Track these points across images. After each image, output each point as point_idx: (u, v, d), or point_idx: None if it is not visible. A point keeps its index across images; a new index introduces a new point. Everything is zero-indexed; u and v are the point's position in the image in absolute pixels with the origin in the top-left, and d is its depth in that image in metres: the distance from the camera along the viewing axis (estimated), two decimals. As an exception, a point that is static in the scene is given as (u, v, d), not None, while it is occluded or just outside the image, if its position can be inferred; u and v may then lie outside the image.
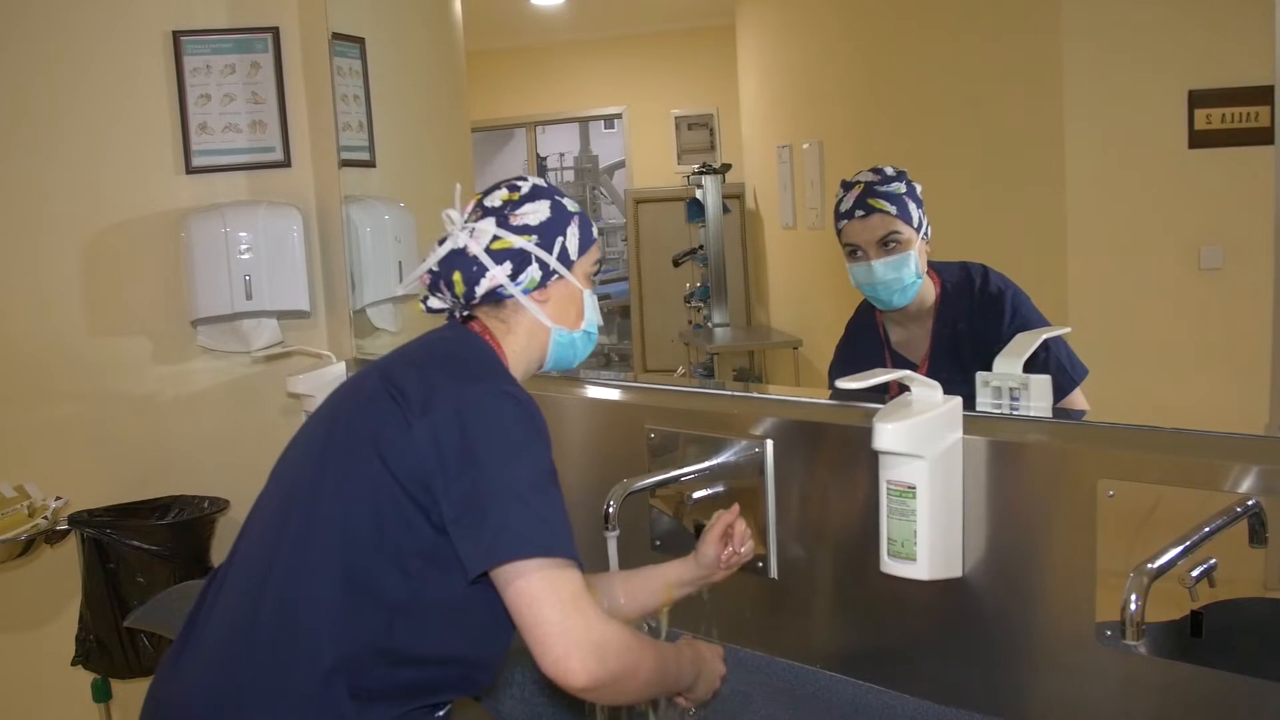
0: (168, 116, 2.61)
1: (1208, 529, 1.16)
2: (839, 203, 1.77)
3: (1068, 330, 1.64)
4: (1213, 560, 1.18)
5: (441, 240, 1.38)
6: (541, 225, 1.37)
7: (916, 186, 1.74)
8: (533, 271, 1.36)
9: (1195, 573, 1.17)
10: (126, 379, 2.64)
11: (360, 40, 2.60)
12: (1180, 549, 1.14)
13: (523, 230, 1.36)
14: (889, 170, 1.75)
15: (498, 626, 1.26)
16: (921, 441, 1.33)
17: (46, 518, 2.41)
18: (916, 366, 1.78)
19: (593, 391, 1.96)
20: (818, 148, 2.93)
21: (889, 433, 1.33)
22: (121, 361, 2.64)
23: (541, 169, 7.39)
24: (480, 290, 1.36)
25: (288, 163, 2.66)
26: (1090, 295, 2.00)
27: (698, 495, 1.70)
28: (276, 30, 2.62)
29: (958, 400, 1.39)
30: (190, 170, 2.62)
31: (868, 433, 1.35)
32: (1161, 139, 1.95)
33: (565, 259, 1.39)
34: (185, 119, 2.61)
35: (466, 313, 1.42)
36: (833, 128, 2.93)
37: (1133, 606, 1.09)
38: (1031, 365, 1.51)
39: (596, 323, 1.45)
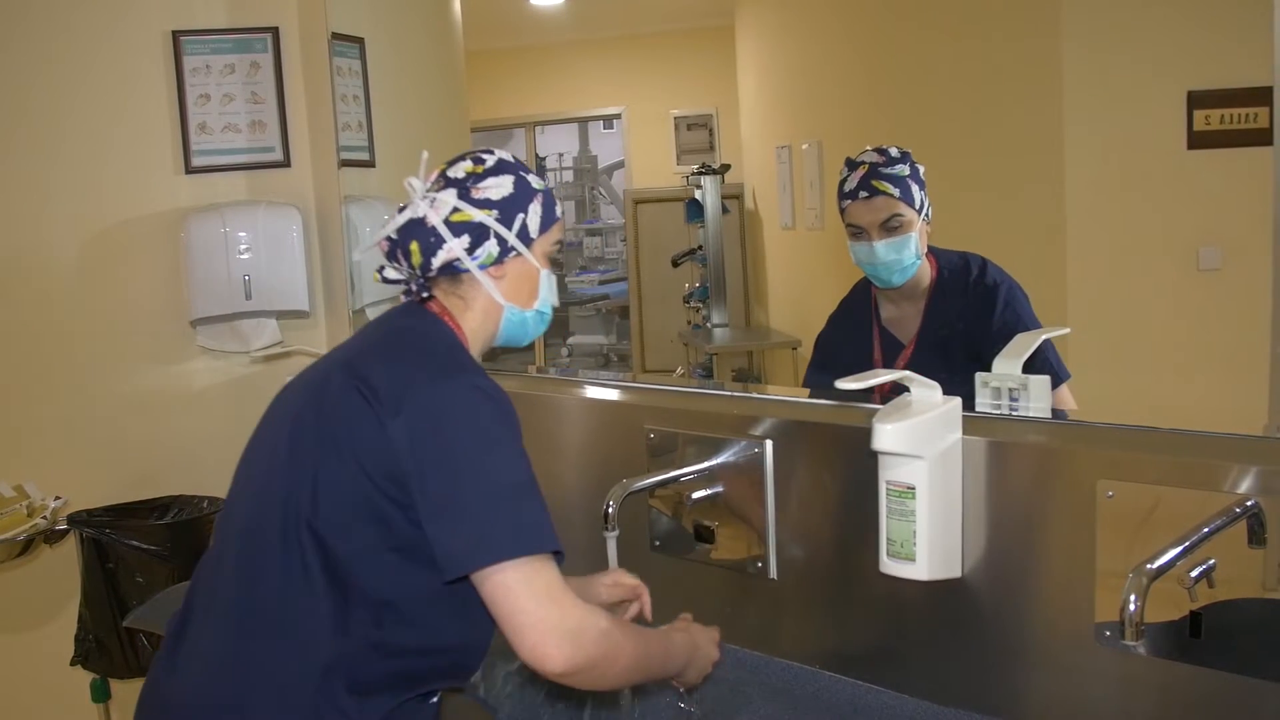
0: (167, 116, 2.61)
1: (1207, 529, 1.16)
2: (843, 181, 1.78)
3: (1066, 331, 1.65)
4: (1212, 560, 1.18)
5: (402, 208, 1.36)
6: (503, 200, 1.35)
7: (920, 168, 1.75)
8: (490, 247, 1.35)
9: (1194, 573, 1.17)
10: (126, 379, 2.64)
11: (360, 40, 2.60)
12: (1179, 549, 1.14)
13: (484, 204, 1.34)
14: (893, 151, 1.76)
15: (484, 614, 1.26)
16: (921, 442, 1.34)
17: (45, 517, 2.41)
18: (904, 346, 1.80)
19: (592, 392, 1.97)
20: (817, 148, 2.93)
21: (888, 433, 1.33)
22: (121, 361, 2.64)
23: (541, 169, 7.40)
24: (436, 263, 1.34)
25: (287, 163, 2.66)
26: (1089, 296, 2.00)
27: (697, 495, 1.70)
28: (276, 30, 2.62)
29: (957, 401, 1.39)
30: (190, 170, 2.62)
31: (867, 433, 1.35)
32: (1160, 140, 1.95)
33: (525, 236, 1.37)
34: (185, 119, 2.61)
35: (425, 292, 1.39)
36: (832, 128, 2.93)
37: (1132, 607, 1.09)
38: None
39: (551, 303, 1.44)
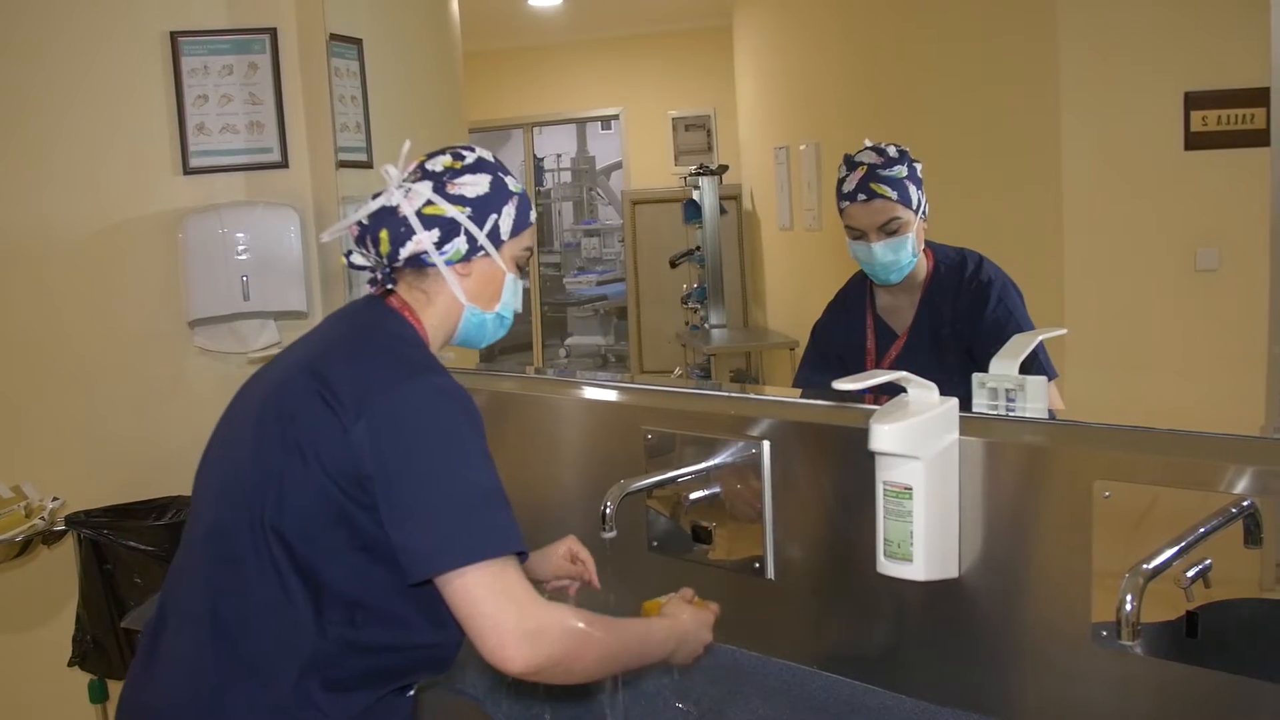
0: (165, 117, 2.61)
1: (1203, 530, 1.16)
2: (841, 181, 1.79)
3: (1063, 331, 1.65)
4: (1208, 561, 1.18)
5: (376, 195, 1.36)
6: (478, 199, 1.35)
7: (917, 166, 1.76)
8: (459, 244, 1.34)
9: (1191, 573, 1.17)
10: (124, 379, 2.64)
11: (358, 41, 2.60)
12: (1176, 550, 1.14)
13: (458, 200, 1.34)
14: (891, 151, 1.77)
15: None
16: (918, 442, 1.34)
17: (43, 518, 2.41)
18: (897, 336, 1.82)
19: (590, 392, 1.97)
20: (814, 149, 2.94)
21: (886, 434, 1.33)
22: (119, 362, 2.64)
23: (539, 169, 7.39)
24: (404, 253, 1.34)
25: (285, 163, 2.66)
26: (1086, 296, 2.01)
27: (695, 496, 1.70)
28: (274, 31, 2.62)
29: (954, 401, 1.39)
30: (188, 171, 2.62)
31: (864, 434, 1.35)
32: (1158, 140, 1.96)
33: (495, 237, 1.37)
34: (183, 119, 2.61)
35: (389, 282, 1.39)
36: (830, 129, 2.94)
37: (1128, 607, 1.09)
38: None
39: (514, 308, 1.43)
